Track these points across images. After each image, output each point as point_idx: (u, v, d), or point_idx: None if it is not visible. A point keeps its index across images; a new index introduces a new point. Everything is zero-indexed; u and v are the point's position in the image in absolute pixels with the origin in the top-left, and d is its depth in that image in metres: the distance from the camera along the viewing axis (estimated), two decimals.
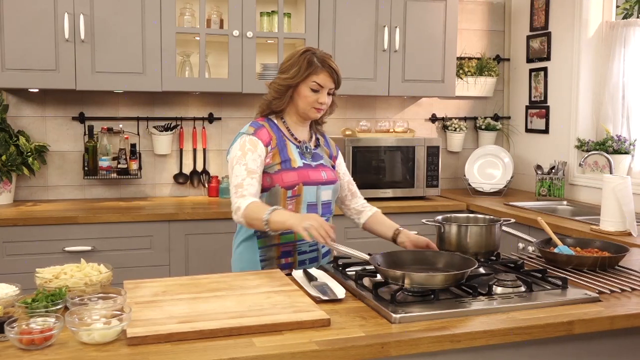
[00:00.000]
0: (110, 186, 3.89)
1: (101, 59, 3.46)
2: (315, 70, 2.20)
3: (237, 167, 2.17)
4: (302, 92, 2.22)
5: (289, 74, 2.22)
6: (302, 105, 2.24)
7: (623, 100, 3.86)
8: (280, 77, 2.25)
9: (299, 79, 2.21)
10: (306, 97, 2.22)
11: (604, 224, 2.91)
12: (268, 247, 2.24)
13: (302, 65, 2.21)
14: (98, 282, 1.75)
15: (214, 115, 4.03)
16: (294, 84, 2.22)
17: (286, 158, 2.23)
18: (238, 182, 2.15)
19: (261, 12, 3.85)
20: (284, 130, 2.29)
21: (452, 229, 2.13)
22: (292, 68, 2.22)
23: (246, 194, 2.12)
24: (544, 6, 4.24)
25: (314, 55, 2.23)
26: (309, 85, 2.21)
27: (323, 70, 2.21)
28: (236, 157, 2.19)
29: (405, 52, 3.95)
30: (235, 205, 2.12)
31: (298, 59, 2.23)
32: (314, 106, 2.24)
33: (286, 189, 2.20)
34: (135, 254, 3.34)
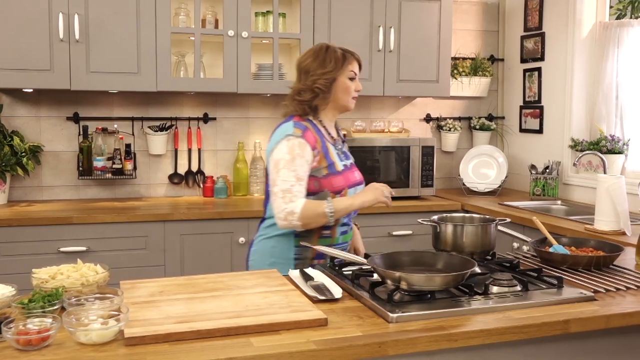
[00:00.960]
0: (105, 186, 3.89)
1: (96, 59, 3.45)
2: (349, 59, 2.31)
3: (284, 172, 2.18)
4: (342, 82, 2.31)
5: (327, 67, 2.28)
6: (343, 96, 2.32)
7: (617, 100, 3.88)
8: (317, 72, 2.28)
9: (339, 69, 2.28)
10: (347, 87, 2.31)
11: (598, 223, 2.92)
12: (305, 248, 2.25)
13: (337, 57, 2.29)
14: (95, 283, 1.74)
15: (209, 115, 4.03)
16: (336, 75, 2.28)
17: (331, 162, 2.28)
18: (286, 187, 2.17)
19: (256, 12, 3.85)
20: (323, 131, 2.33)
21: (448, 228, 2.14)
22: (328, 63, 2.28)
23: (295, 200, 2.15)
24: (537, 6, 4.26)
25: (336, 47, 2.33)
26: (347, 75, 2.31)
27: (353, 59, 2.33)
28: (284, 161, 2.19)
29: (400, 52, 3.96)
30: (287, 210, 2.14)
31: (327, 53, 2.30)
32: (353, 95, 2.34)
33: (335, 193, 2.26)
34: (130, 254, 3.34)
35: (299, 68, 2.35)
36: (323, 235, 2.27)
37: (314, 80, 2.29)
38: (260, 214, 3.51)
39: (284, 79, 3.85)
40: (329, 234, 2.28)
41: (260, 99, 4.11)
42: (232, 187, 4.05)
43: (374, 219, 3.67)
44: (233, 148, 4.09)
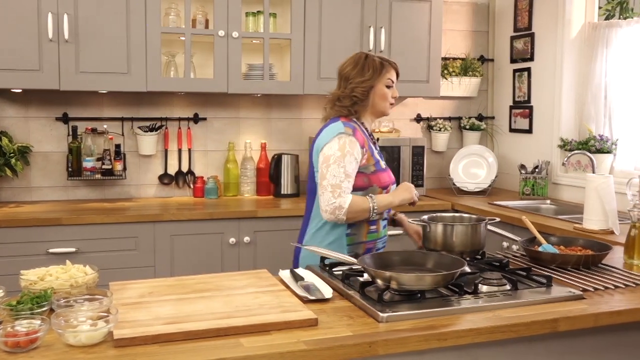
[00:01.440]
0: (94, 187, 3.87)
1: (85, 59, 3.44)
2: (387, 67, 2.41)
3: (334, 167, 2.26)
4: (379, 90, 2.40)
5: (365, 75, 2.38)
6: (380, 103, 2.42)
7: (605, 100, 3.90)
8: (356, 80, 2.38)
9: (377, 77, 2.38)
10: (384, 94, 2.41)
11: (587, 222, 2.94)
12: (356, 245, 2.37)
13: (375, 66, 2.39)
14: (84, 284, 1.74)
15: (199, 116, 4.02)
16: (374, 83, 2.38)
17: (377, 159, 2.40)
18: (336, 182, 2.25)
19: (247, 12, 3.85)
20: (365, 131, 2.43)
21: (438, 228, 2.14)
22: (366, 71, 2.38)
23: (343, 196, 2.24)
24: (527, 7, 4.28)
25: (374, 56, 2.44)
26: (385, 83, 2.40)
27: (391, 67, 2.43)
28: (335, 157, 2.27)
29: (390, 52, 3.97)
30: (335, 204, 2.23)
31: (366, 62, 2.40)
32: (390, 102, 2.44)
33: (382, 188, 2.38)
34: (120, 255, 3.33)
35: (340, 75, 2.46)
36: (370, 231, 2.39)
37: (353, 88, 2.39)
38: (251, 214, 3.53)
39: (274, 79, 3.85)
40: (375, 229, 2.40)
41: (250, 99, 4.11)
42: (223, 187, 4.04)
43: None
44: (223, 148, 4.08)
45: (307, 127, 4.24)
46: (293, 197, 4.00)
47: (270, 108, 4.17)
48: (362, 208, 2.27)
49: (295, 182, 4.03)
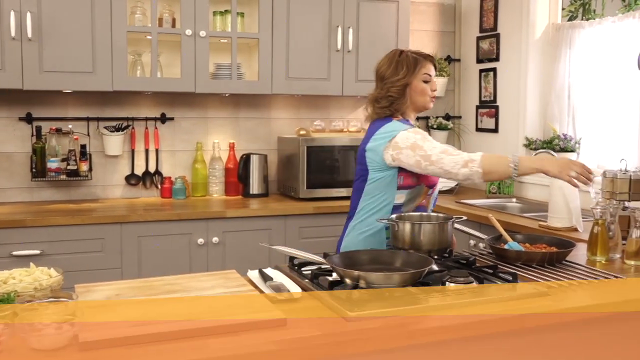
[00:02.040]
0: (59, 188, 3.81)
1: (49, 57, 3.38)
2: (422, 62, 2.41)
3: (427, 143, 2.29)
4: (417, 86, 2.40)
5: (399, 74, 2.39)
6: (420, 98, 2.42)
7: (569, 100, 3.97)
8: (391, 80, 2.40)
9: (411, 74, 2.38)
10: (423, 89, 2.41)
11: (551, 220, 2.99)
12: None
13: (409, 62, 2.39)
14: (48, 287, 1.70)
15: (166, 116, 3.99)
16: (409, 81, 2.39)
17: None
18: (442, 148, 2.29)
19: (214, 12, 3.83)
20: None
21: (406, 227, 2.15)
22: (400, 69, 2.39)
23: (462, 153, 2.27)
24: (492, 8, 4.33)
25: (409, 52, 2.44)
26: (421, 78, 2.40)
27: (427, 61, 2.43)
28: (419, 138, 2.30)
29: (358, 52, 3.98)
30: (465, 158, 2.24)
31: (400, 60, 2.41)
32: (430, 95, 2.43)
33: (429, 187, 2.41)
34: (86, 257, 3.28)
35: (376, 75, 2.49)
36: None
37: (388, 88, 2.41)
38: (220, 214, 3.52)
39: (242, 78, 3.84)
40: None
41: (218, 99, 4.09)
42: (191, 187, 4.01)
43: (332, 218, 3.68)
44: (191, 148, 4.05)
45: (275, 127, 4.24)
46: (262, 197, 3.99)
47: (239, 108, 4.15)
48: (499, 161, 2.23)
49: (264, 182, 4.02)
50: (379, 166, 2.37)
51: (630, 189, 2.61)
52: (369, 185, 2.41)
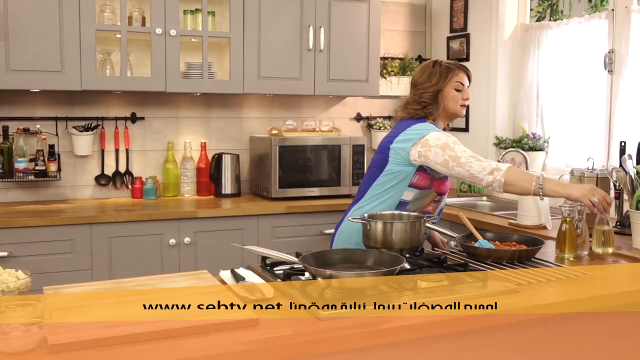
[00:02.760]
0: (27, 189, 3.75)
1: (16, 56, 3.32)
2: (454, 72, 2.53)
3: (458, 146, 2.40)
4: (449, 93, 2.52)
5: (432, 81, 2.52)
6: (451, 105, 2.53)
7: (537, 100, 4.03)
8: (423, 86, 2.53)
9: (444, 82, 2.48)
10: (454, 96, 2.53)
11: (521, 218, 3.03)
12: None
13: (442, 71, 2.52)
14: (16, 289, 1.68)
15: (136, 115, 3.95)
16: (441, 87, 2.51)
17: None
18: (471, 153, 2.39)
19: (184, 10, 3.80)
20: None
21: (378, 225, 2.16)
22: (433, 77, 2.52)
23: (491, 161, 2.36)
24: (462, 8, 4.38)
25: (444, 62, 2.56)
26: (454, 86, 2.52)
27: (460, 70, 2.55)
28: (451, 140, 2.41)
29: (330, 51, 3.99)
30: (493, 166, 2.33)
31: (434, 69, 2.53)
32: (461, 104, 2.55)
33: (438, 194, 2.50)
34: (55, 258, 3.23)
35: (411, 82, 2.62)
36: None
37: (421, 94, 2.53)
38: (191, 214, 3.50)
39: (213, 78, 3.82)
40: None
41: (189, 98, 4.06)
42: (162, 187, 3.98)
43: (305, 217, 3.69)
44: (162, 148, 4.02)
45: (247, 126, 4.23)
46: (234, 197, 3.98)
47: (210, 107, 4.13)
48: (524, 177, 2.31)
49: (236, 182, 4.01)
50: (402, 161, 2.46)
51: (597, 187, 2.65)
52: (385, 175, 2.50)
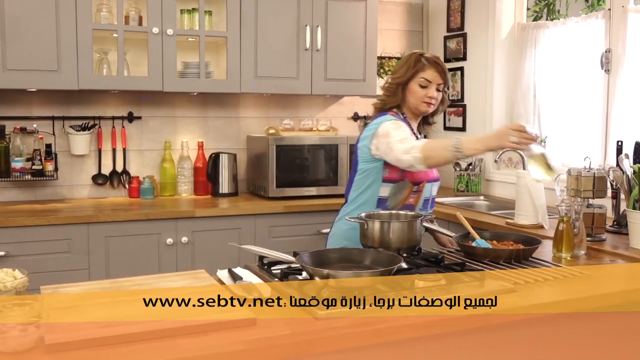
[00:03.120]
0: (24, 188, 3.74)
1: (13, 55, 3.32)
2: (422, 67, 2.44)
3: (395, 132, 2.34)
4: (412, 88, 2.46)
5: (398, 73, 2.48)
6: (412, 100, 2.47)
7: (534, 99, 4.03)
8: (392, 77, 2.50)
9: (408, 76, 2.43)
10: (415, 92, 2.45)
11: (518, 217, 3.03)
12: None
13: (410, 64, 2.46)
14: (13, 288, 1.68)
15: (133, 114, 3.94)
16: (403, 81, 2.46)
17: None
18: (402, 137, 2.32)
19: (181, 10, 3.79)
20: (408, 125, 2.48)
21: (375, 225, 2.16)
22: (401, 69, 2.45)
23: (414, 141, 2.31)
24: (459, 8, 4.38)
25: (422, 55, 2.48)
26: (418, 82, 2.45)
27: (430, 67, 2.44)
28: (391, 128, 2.36)
29: (327, 51, 3.99)
30: (408, 145, 2.28)
31: (407, 60, 2.48)
32: (423, 100, 2.45)
33: (414, 184, 2.44)
34: (52, 258, 3.23)
35: None
36: None
37: (388, 83, 2.52)
38: (189, 214, 3.50)
39: (210, 77, 3.82)
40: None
41: (187, 98, 4.06)
42: (159, 187, 3.98)
43: (302, 217, 3.69)
44: (159, 147, 4.02)
45: (244, 126, 4.22)
46: (231, 196, 3.98)
47: (207, 106, 4.13)
48: (441, 144, 2.23)
49: (233, 181, 4.01)
50: (368, 157, 2.46)
51: (594, 186, 2.66)
52: (359, 176, 2.50)
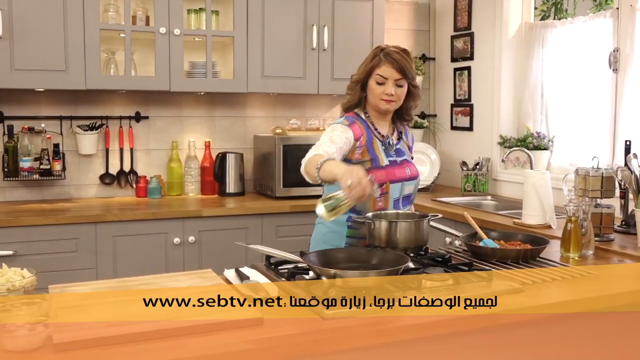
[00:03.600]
0: (32, 188, 3.75)
1: (21, 56, 3.33)
2: (377, 63, 2.33)
3: (322, 137, 2.31)
4: (370, 85, 2.36)
5: (359, 70, 2.39)
6: (371, 98, 2.38)
7: (542, 99, 4.02)
8: (354, 74, 2.42)
9: (365, 73, 2.35)
10: (373, 89, 2.35)
11: (525, 217, 3.02)
12: (357, 239, 2.36)
13: (367, 60, 2.37)
14: (21, 288, 1.68)
15: (141, 114, 3.95)
16: (362, 79, 2.38)
17: (374, 156, 2.34)
18: (317, 144, 2.28)
19: (188, 9, 3.80)
20: (370, 125, 2.40)
21: (382, 225, 2.16)
22: (361, 64, 2.38)
23: (315, 149, 2.23)
24: (466, 7, 4.37)
25: (382, 50, 2.36)
26: (375, 79, 2.34)
27: (385, 63, 2.32)
28: (325, 133, 2.33)
29: (333, 50, 3.99)
30: (308, 155, 2.23)
31: (368, 56, 2.39)
32: (381, 98, 2.34)
33: (379, 185, 2.31)
34: (60, 257, 3.24)
35: None
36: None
37: (350, 81, 2.44)
38: (196, 213, 3.50)
39: (217, 77, 3.82)
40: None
41: (193, 97, 4.06)
42: (166, 186, 3.99)
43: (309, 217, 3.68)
44: (166, 147, 4.03)
45: (251, 126, 4.23)
46: (238, 195, 3.98)
47: (214, 106, 4.13)
48: (313, 161, 2.13)
49: (240, 181, 4.01)
50: None
51: (602, 186, 2.65)
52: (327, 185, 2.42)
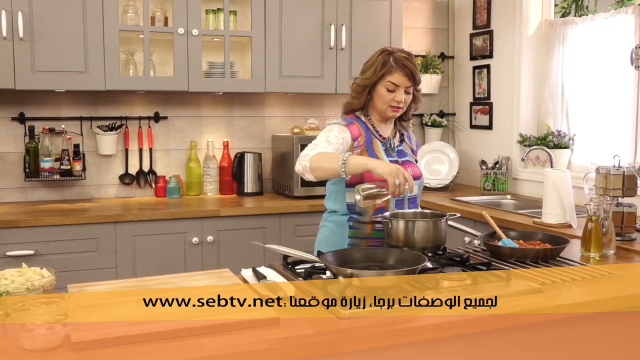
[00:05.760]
0: (53, 188, 3.79)
1: (41, 57, 3.37)
2: (389, 70, 2.29)
3: (318, 137, 2.30)
4: (379, 91, 2.32)
5: (366, 74, 2.34)
6: (379, 104, 2.34)
7: (562, 97, 3.97)
8: (359, 77, 2.37)
9: (375, 79, 2.31)
10: (382, 96, 2.32)
11: (545, 216, 2.99)
12: (359, 239, 2.34)
13: (377, 65, 2.30)
14: (40, 287, 1.70)
15: (160, 115, 3.98)
16: (370, 84, 2.33)
17: (374, 156, 2.31)
18: (316, 143, 2.27)
19: (206, 10, 3.81)
20: (370, 127, 2.39)
21: (400, 224, 2.15)
22: (370, 69, 2.32)
23: (316, 148, 2.23)
24: (486, 5, 4.33)
25: (391, 55, 2.31)
26: (385, 85, 2.30)
27: (398, 70, 2.28)
28: (322, 134, 2.32)
29: (351, 50, 3.98)
30: (305, 153, 2.22)
31: (375, 60, 2.33)
32: (390, 104, 2.32)
33: None
34: (80, 257, 3.27)
35: None
36: (376, 229, 2.33)
37: (355, 84, 2.40)
38: (214, 213, 3.52)
39: (235, 77, 3.83)
40: (381, 227, 2.27)
41: (212, 98, 4.08)
42: (185, 186, 4.00)
43: None
44: (185, 147, 4.05)
45: (269, 125, 4.23)
46: (256, 195, 3.99)
47: (232, 106, 4.14)
48: (330, 157, 2.13)
49: (258, 181, 4.02)
50: None
51: (623, 185, 2.61)
52: (329, 185, 2.44)
